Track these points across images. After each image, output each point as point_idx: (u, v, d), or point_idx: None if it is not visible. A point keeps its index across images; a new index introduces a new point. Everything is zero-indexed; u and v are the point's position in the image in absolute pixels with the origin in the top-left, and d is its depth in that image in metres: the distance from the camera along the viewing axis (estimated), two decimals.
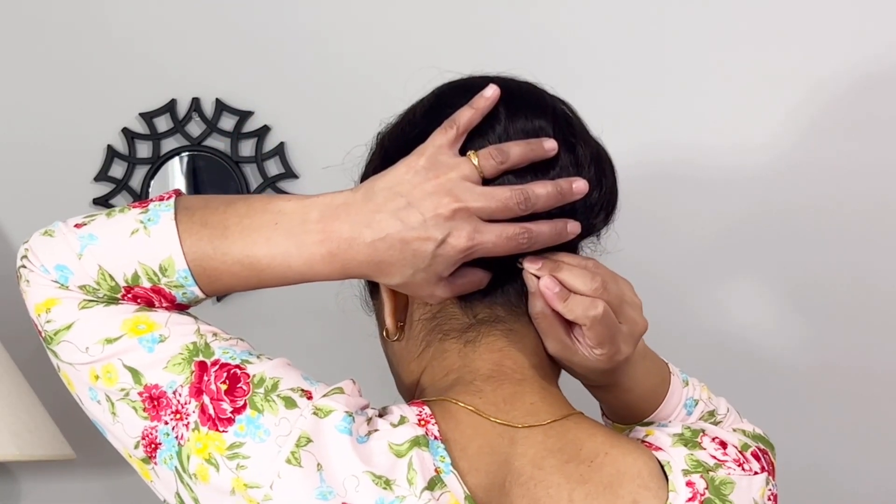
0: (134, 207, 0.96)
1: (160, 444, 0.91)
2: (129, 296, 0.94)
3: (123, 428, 0.93)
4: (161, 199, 0.96)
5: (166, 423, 0.91)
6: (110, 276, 0.94)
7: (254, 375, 0.91)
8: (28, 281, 0.97)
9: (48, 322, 0.95)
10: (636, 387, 1.05)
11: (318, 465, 0.87)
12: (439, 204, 0.89)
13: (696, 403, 1.10)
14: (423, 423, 0.91)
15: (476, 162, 0.91)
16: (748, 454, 0.96)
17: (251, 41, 1.65)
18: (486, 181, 0.92)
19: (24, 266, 0.97)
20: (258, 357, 0.93)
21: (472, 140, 0.93)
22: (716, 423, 1.08)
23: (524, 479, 0.92)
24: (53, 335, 0.95)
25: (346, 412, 0.89)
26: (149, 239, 0.93)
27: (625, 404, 1.07)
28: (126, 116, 1.67)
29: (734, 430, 1.06)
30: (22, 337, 1.63)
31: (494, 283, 0.96)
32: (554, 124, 0.96)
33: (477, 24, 1.62)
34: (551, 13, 1.61)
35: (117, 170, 1.67)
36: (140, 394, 0.91)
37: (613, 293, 0.95)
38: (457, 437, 0.92)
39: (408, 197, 0.90)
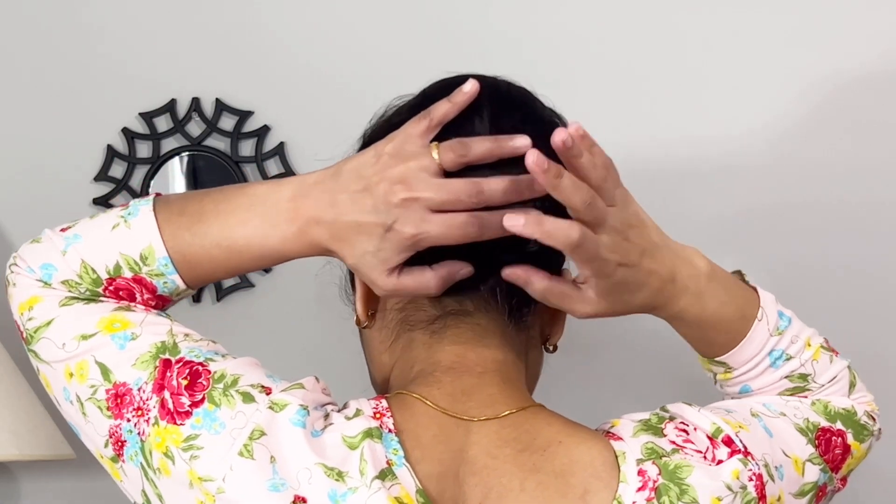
0: (116, 208, 1.00)
1: (125, 441, 0.93)
2: (111, 288, 0.97)
3: (94, 427, 0.95)
4: (140, 199, 1.00)
5: (128, 420, 0.93)
6: (92, 269, 0.97)
7: (215, 372, 0.93)
8: (14, 284, 0.99)
9: (30, 320, 0.98)
10: (699, 311, 0.99)
11: (272, 457, 0.88)
12: (391, 191, 0.90)
13: (788, 359, 1.04)
14: (378, 415, 0.92)
15: (436, 154, 0.91)
16: (718, 440, 0.94)
17: (251, 41, 1.65)
18: (451, 174, 0.91)
19: (11, 271, 1.00)
20: (223, 356, 0.95)
21: (450, 136, 0.92)
22: (804, 390, 1.05)
23: (478, 468, 0.92)
24: (34, 333, 0.97)
25: (301, 405, 0.90)
26: (129, 231, 0.97)
27: (694, 335, 1.03)
28: (126, 116, 1.66)
29: (813, 403, 1.04)
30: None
31: (469, 278, 0.95)
32: (543, 133, 0.93)
33: (478, 25, 1.62)
34: (551, 14, 1.60)
35: (117, 170, 1.67)
36: (107, 391, 0.94)
37: (600, 209, 0.91)
38: (411, 427, 0.93)
39: (367, 181, 0.91)
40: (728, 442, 0.94)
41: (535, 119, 0.98)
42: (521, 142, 0.91)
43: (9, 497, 1.67)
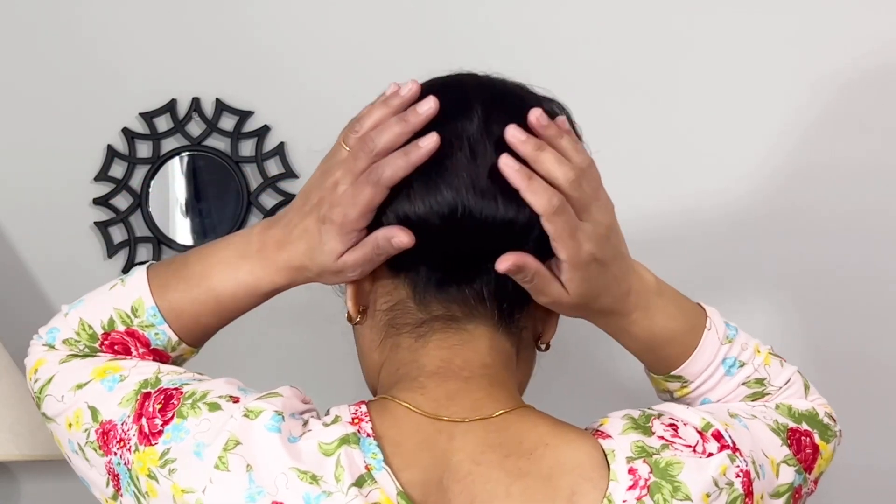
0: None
1: (119, 474, 0.95)
2: (107, 343, 1.03)
3: (96, 470, 0.97)
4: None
5: (115, 453, 0.95)
6: (89, 325, 1.03)
7: (186, 392, 0.94)
8: (27, 355, 1.07)
9: (35, 381, 1.04)
10: (648, 325, 1.01)
11: (248, 465, 0.88)
12: (321, 189, 0.96)
13: (741, 366, 1.05)
14: (356, 421, 0.91)
15: (345, 145, 0.96)
16: (708, 434, 0.94)
17: (251, 41, 1.65)
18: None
19: (29, 346, 1.08)
20: (200, 381, 0.97)
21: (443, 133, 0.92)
22: (763, 394, 1.06)
23: (462, 475, 0.90)
24: (39, 393, 1.03)
25: (276, 412, 0.90)
26: (124, 287, 1.03)
27: (642, 348, 1.04)
28: (126, 116, 1.66)
29: (777, 407, 1.04)
30: (22, 337, 1.63)
31: (451, 281, 0.95)
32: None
33: (476, 27, 1.62)
34: (553, 16, 1.61)
35: (117, 170, 1.67)
36: (96, 431, 0.97)
37: (586, 192, 0.92)
38: (392, 434, 0.91)
39: (307, 195, 0.97)
40: (718, 436, 0.93)
41: (523, 114, 0.95)
42: (407, 87, 0.94)
43: (9, 497, 1.67)
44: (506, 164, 0.89)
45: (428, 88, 0.96)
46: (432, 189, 0.91)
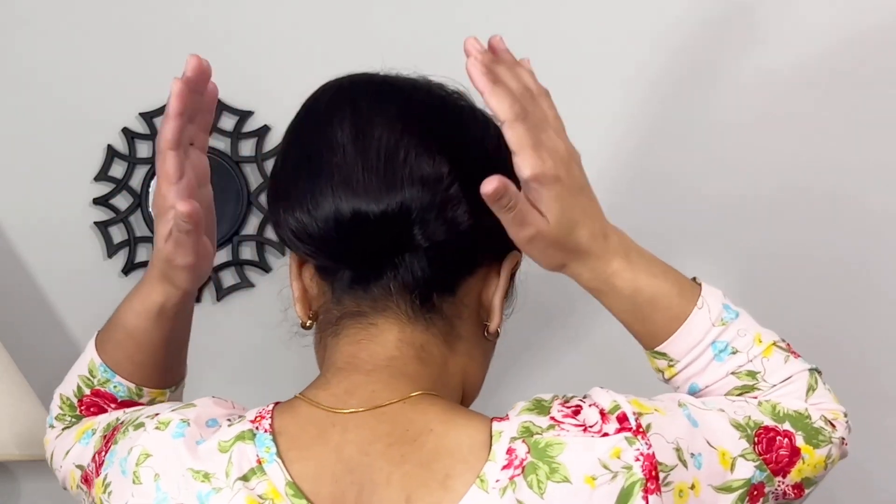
0: None
1: None
2: (83, 407, 1.12)
3: None
4: None
5: (87, 492, 1.02)
6: (66, 397, 1.12)
7: (125, 421, 1.00)
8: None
9: (47, 461, 1.14)
10: (631, 278, 0.97)
11: (156, 475, 0.92)
12: None
13: (734, 353, 0.99)
14: (257, 419, 0.94)
15: None
16: (612, 416, 0.90)
17: (251, 41, 1.65)
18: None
19: None
20: (143, 409, 1.03)
21: (310, 149, 0.98)
22: (753, 389, 0.99)
23: (352, 467, 0.91)
24: (52, 469, 1.12)
25: (182, 420, 0.94)
26: (83, 355, 1.12)
27: (628, 310, 0.99)
28: (126, 116, 1.67)
29: (759, 404, 0.98)
30: (22, 337, 1.63)
31: (360, 278, 0.97)
32: (402, 122, 0.96)
33: (478, 26, 1.61)
34: (548, 15, 1.61)
35: (117, 170, 1.67)
36: (79, 483, 1.06)
37: (542, 110, 0.94)
38: (290, 428, 0.93)
39: None
40: (622, 419, 0.89)
41: (406, 116, 0.97)
42: (188, 63, 0.96)
43: (9, 497, 1.68)
44: (473, 65, 0.90)
45: (312, 96, 1.02)
46: (312, 200, 0.94)
